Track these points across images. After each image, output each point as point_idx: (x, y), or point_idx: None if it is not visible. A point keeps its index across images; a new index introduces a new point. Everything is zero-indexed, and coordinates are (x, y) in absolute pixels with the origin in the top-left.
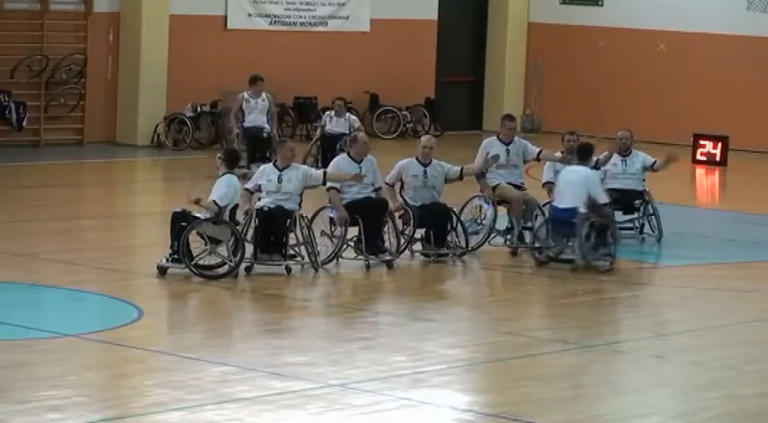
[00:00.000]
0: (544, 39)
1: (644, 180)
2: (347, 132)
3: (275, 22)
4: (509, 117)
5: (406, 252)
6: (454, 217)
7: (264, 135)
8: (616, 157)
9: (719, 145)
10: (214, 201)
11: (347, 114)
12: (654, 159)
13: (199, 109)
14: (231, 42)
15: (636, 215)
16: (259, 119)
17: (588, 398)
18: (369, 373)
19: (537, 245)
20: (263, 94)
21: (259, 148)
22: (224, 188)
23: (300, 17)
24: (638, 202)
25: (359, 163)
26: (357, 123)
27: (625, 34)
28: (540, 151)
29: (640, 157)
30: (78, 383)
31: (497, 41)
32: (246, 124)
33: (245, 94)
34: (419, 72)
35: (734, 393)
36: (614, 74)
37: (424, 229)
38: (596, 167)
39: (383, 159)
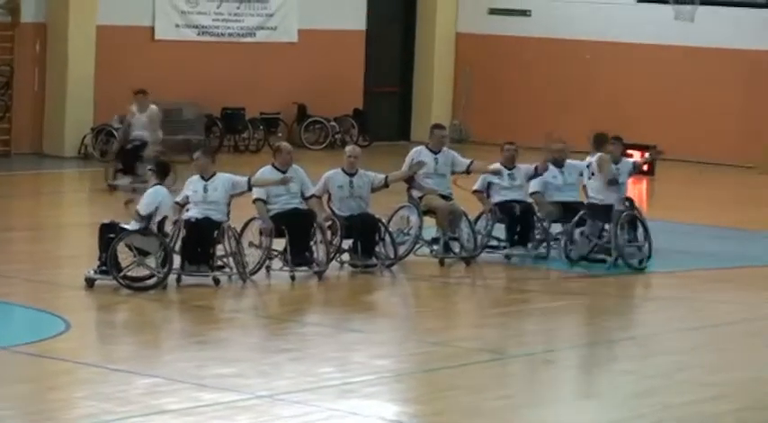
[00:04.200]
0: (472, 49)
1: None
2: None
3: (203, 32)
4: (438, 126)
5: (335, 263)
6: (382, 227)
7: (129, 147)
8: (553, 170)
9: (647, 154)
10: (136, 210)
11: None
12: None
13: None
14: (159, 53)
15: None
16: (141, 133)
17: (518, 407)
18: (297, 384)
19: (464, 254)
20: (150, 108)
21: (125, 160)
22: (148, 198)
23: (228, 28)
24: (584, 212)
25: (284, 173)
26: None
27: (553, 44)
28: (471, 163)
29: (577, 168)
30: (6, 396)
31: (425, 52)
32: (131, 137)
33: (132, 107)
34: (347, 83)
35: (666, 401)
36: (542, 84)
37: (351, 240)
38: (536, 175)
39: (311, 170)
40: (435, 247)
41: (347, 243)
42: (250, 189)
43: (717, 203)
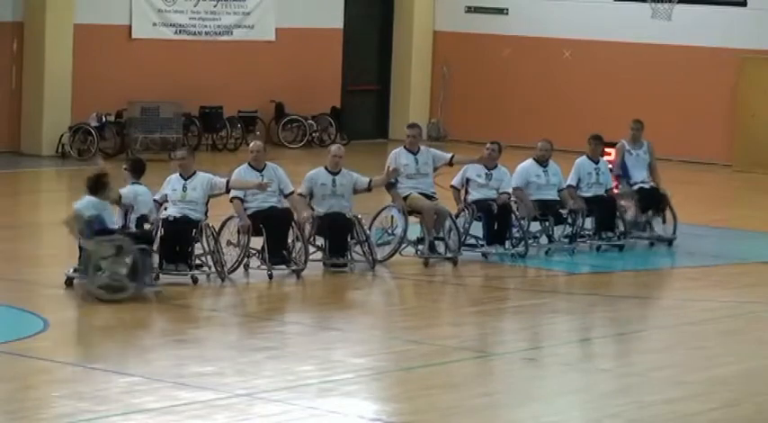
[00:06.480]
0: (450, 47)
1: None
2: None
3: (180, 31)
4: (410, 125)
5: (315, 261)
6: (357, 227)
7: None
8: (537, 168)
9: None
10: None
11: None
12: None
13: (104, 119)
14: (136, 52)
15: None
16: None
17: (497, 406)
18: (276, 382)
19: (450, 255)
20: None
21: None
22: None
23: (205, 26)
24: (564, 211)
25: (260, 171)
26: None
27: (530, 42)
28: (453, 156)
29: (558, 170)
30: None
31: (403, 50)
32: None
33: None
34: (325, 81)
35: (641, 400)
36: (520, 82)
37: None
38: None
39: (289, 169)
40: (420, 247)
41: (320, 240)
42: (228, 191)
43: (695, 202)
